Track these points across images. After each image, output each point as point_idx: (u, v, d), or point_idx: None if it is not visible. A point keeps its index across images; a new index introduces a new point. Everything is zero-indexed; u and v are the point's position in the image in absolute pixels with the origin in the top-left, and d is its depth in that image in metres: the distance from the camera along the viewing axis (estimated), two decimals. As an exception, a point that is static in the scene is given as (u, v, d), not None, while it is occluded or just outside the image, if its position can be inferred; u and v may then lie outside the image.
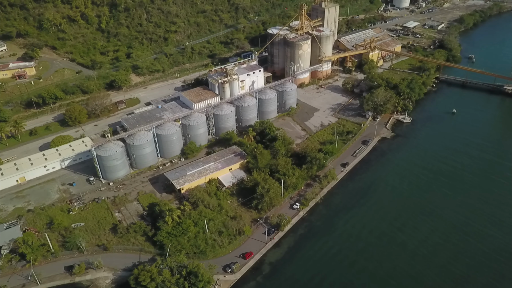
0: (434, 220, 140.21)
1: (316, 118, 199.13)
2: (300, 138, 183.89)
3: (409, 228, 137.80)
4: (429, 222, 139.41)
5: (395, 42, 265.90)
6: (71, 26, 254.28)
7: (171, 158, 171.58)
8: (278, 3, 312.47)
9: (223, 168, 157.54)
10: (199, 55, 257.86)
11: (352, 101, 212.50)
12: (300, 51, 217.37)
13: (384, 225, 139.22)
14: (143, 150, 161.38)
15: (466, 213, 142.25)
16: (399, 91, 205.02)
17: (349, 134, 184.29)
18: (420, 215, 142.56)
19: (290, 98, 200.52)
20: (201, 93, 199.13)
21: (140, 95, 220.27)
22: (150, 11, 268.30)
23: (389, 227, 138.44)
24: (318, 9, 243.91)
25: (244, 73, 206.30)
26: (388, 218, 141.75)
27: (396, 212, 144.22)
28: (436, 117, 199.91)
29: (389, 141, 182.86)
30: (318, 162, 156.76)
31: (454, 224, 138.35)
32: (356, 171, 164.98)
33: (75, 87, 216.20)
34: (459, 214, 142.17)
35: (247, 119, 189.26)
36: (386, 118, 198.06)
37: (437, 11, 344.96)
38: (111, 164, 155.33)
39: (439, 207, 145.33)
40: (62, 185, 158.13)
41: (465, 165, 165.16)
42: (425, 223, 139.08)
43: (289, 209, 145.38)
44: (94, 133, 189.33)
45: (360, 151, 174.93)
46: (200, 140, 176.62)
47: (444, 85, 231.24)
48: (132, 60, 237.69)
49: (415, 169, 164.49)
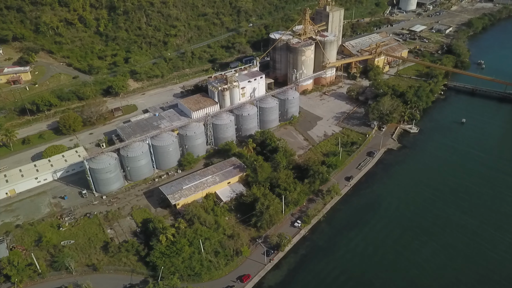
0: (440, 241, 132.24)
1: (319, 127, 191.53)
2: (303, 149, 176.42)
3: (415, 249, 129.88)
4: (435, 243, 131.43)
5: (402, 47, 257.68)
6: (68, 30, 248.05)
7: (167, 170, 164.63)
8: (281, 6, 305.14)
9: (221, 182, 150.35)
10: (200, 60, 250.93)
11: (356, 109, 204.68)
12: (303, 57, 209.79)
13: (389, 245, 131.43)
14: (138, 162, 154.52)
15: (473, 235, 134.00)
16: (406, 100, 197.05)
17: (354, 145, 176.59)
18: (426, 235, 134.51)
19: (292, 106, 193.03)
20: (200, 101, 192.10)
21: (138, 102, 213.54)
22: (150, 14, 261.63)
23: (394, 247, 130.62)
24: (322, 13, 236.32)
25: (245, 79, 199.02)
26: (393, 238, 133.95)
27: (401, 231, 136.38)
28: (444, 127, 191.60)
29: (395, 153, 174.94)
30: (321, 176, 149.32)
31: (461, 246, 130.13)
32: (360, 185, 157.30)
33: (71, 93, 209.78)
34: (466, 235, 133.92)
35: (248, 129, 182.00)
36: (392, 128, 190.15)
37: (444, 14, 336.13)
38: (104, 177, 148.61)
39: (446, 227, 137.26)
40: (53, 198, 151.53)
41: (474, 182, 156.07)
42: (431, 244, 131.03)
43: (290, 227, 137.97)
44: (89, 142, 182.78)
45: (365, 164, 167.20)
46: (198, 150, 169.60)
47: (453, 92, 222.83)
48: (130, 65, 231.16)
49: (422, 184, 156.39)
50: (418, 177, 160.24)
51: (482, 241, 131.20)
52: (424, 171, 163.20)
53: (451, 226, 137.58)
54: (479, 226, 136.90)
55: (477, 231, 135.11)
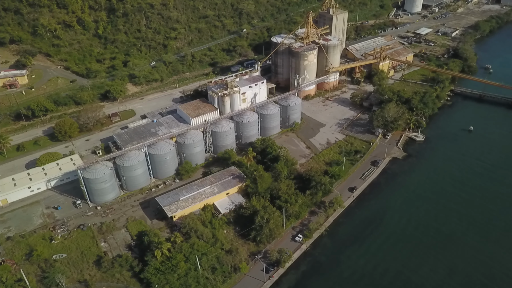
0: (451, 257, 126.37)
1: (322, 135, 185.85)
2: (305, 158, 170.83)
3: (418, 266, 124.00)
4: (446, 259, 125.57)
5: (407, 51, 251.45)
6: (66, 32, 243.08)
7: (164, 179, 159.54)
8: (283, 8, 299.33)
9: (219, 193, 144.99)
10: (200, 63, 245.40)
11: (360, 115, 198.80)
12: (305, 61, 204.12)
13: (393, 262, 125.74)
14: (134, 171, 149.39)
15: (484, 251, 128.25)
16: (411, 106, 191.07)
17: (358, 153, 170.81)
18: (436, 250, 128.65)
19: (294, 113, 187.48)
20: (200, 107, 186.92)
21: (136, 107, 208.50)
22: (150, 17, 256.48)
23: (398, 264, 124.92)
24: (326, 16, 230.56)
25: (246, 85, 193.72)
26: (397, 254, 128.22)
27: (406, 247, 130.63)
28: (451, 135, 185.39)
29: (400, 162, 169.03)
30: (323, 188, 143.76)
31: (473, 263, 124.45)
32: (364, 196, 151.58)
33: (68, 97, 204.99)
34: (478, 251, 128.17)
35: (248, 136, 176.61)
36: (397, 136, 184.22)
37: (450, 16, 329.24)
38: (98, 187, 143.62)
39: (456, 242, 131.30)
40: (47, 209, 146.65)
41: (482, 195, 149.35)
42: (441, 261, 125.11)
43: (291, 241, 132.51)
44: (85, 148, 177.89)
45: (369, 174, 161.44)
46: (196, 159, 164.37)
47: (460, 98, 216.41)
48: (129, 69, 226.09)
49: (427, 196, 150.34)
50: (424, 188, 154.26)
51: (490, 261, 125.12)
52: (430, 182, 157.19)
53: (458, 242, 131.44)
54: (486, 243, 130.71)
55: (484, 248, 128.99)
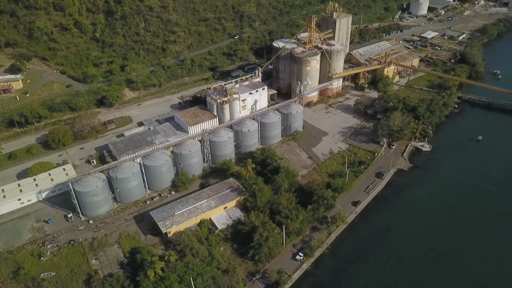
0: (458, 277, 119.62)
1: (325, 144, 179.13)
2: (306, 168, 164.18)
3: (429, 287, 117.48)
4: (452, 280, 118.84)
5: (412, 56, 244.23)
6: (63, 35, 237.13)
7: (160, 191, 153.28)
8: (286, 10, 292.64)
9: (217, 207, 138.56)
10: (200, 68, 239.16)
11: (364, 124, 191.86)
12: (308, 67, 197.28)
13: (400, 281, 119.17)
14: (128, 183, 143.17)
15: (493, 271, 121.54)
16: (417, 115, 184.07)
17: (361, 164, 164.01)
18: (442, 269, 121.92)
19: (296, 121, 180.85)
20: (198, 114, 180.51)
21: (133, 113, 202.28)
22: (148, 19, 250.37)
23: (406, 284, 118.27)
24: (329, 20, 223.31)
25: (246, 91, 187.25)
26: (403, 274, 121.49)
27: (413, 266, 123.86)
28: (459, 145, 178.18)
29: (406, 174, 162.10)
30: (325, 203, 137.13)
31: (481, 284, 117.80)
32: (369, 211, 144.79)
33: (63, 103, 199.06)
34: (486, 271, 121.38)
35: (248, 145, 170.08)
36: (402, 145, 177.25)
37: (457, 19, 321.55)
38: (91, 200, 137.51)
39: (463, 262, 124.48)
40: (37, 222, 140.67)
41: (492, 210, 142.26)
42: (448, 282, 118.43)
43: (291, 260, 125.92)
44: (79, 157, 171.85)
45: (374, 186, 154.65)
46: (193, 170, 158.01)
47: (467, 105, 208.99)
48: (126, 73, 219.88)
49: (435, 211, 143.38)
50: (430, 203, 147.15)
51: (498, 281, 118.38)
52: (436, 197, 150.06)
53: (465, 262, 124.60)
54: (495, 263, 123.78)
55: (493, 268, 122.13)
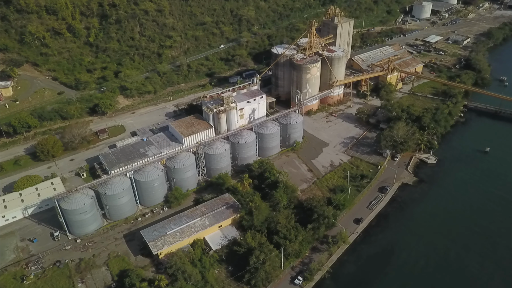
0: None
1: (325, 156, 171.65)
2: (306, 182, 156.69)
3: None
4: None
5: (416, 61, 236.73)
6: (56, 40, 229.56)
7: (152, 207, 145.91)
8: (285, 13, 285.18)
9: (211, 226, 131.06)
10: (196, 74, 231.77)
11: (367, 134, 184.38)
12: (308, 75, 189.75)
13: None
14: (118, 200, 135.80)
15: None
16: (422, 125, 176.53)
17: (364, 178, 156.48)
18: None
19: (295, 131, 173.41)
20: (193, 124, 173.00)
21: (126, 122, 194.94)
22: (144, 24, 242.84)
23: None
24: (330, 25, 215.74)
25: (244, 100, 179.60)
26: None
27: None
28: (466, 157, 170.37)
29: (411, 189, 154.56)
30: (326, 221, 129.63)
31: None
32: (372, 229, 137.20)
33: (54, 112, 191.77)
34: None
35: (245, 157, 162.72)
36: (406, 157, 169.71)
37: (461, 22, 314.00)
38: (78, 218, 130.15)
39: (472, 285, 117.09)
40: (21, 241, 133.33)
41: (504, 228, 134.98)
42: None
43: (290, 284, 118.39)
44: (69, 170, 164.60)
45: (377, 202, 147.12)
46: (187, 184, 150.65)
47: (474, 114, 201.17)
48: (120, 80, 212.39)
49: (442, 229, 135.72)
50: (437, 221, 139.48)
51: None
52: (443, 214, 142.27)
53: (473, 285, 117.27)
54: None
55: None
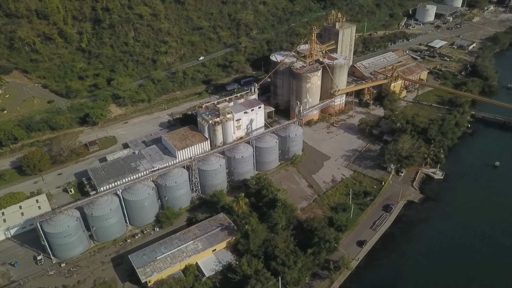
0: None
1: (326, 170, 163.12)
2: (306, 200, 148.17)
3: None
4: None
5: (420, 68, 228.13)
6: (46, 46, 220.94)
7: (143, 227, 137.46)
8: (285, 17, 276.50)
9: (204, 250, 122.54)
10: (192, 81, 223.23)
11: (370, 146, 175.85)
12: (308, 84, 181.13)
13: None
14: (105, 221, 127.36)
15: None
16: (428, 137, 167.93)
17: (367, 195, 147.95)
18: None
19: (295, 144, 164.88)
20: (188, 136, 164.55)
21: (118, 133, 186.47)
22: (138, 28, 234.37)
23: None
24: (331, 31, 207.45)
25: (241, 110, 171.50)
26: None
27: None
28: (474, 172, 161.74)
29: (417, 207, 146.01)
30: (327, 246, 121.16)
31: None
32: (376, 252, 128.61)
33: (42, 122, 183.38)
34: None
35: (241, 173, 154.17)
36: (412, 172, 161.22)
37: (466, 26, 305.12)
38: (62, 241, 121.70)
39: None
40: (2, 265, 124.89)
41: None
42: None
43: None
44: (56, 185, 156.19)
45: (381, 222, 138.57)
46: (180, 202, 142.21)
47: (481, 125, 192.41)
48: (112, 88, 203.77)
49: (451, 253, 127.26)
50: (445, 243, 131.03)
51: None
52: (451, 235, 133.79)
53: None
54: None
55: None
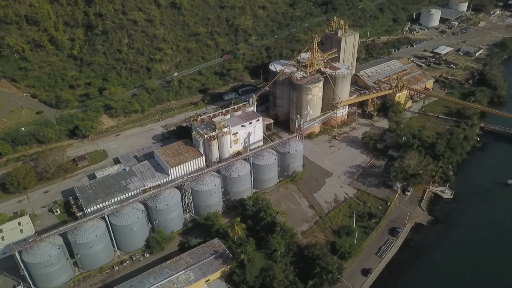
0: None
1: (329, 188, 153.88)
2: (307, 222, 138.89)
3: None
4: None
5: (426, 77, 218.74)
6: (36, 53, 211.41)
7: (131, 253, 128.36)
8: (285, 23, 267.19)
9: (197, 281, 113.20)
10: (188, 90, 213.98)
11: (374, 161, 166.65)
12: (309, 96, 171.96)
13: None
14: (90, 248, 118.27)
15: None
16: (436, 153, 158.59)
17: (372, 217, 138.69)
18: None
19: (295, 161, 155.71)
20: (181, 151, 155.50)
21: (109, 146, 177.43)
22: (132, 35, 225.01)
23: None
24: (333, 38, 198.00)
25: (238, 123, 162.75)
26: None
27: None
28: (485, 191, 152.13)
29: (425, 230, 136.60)
30: (330, 277, 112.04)
31: None
32: (382, 282, 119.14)
33: (29, 135, 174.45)
34: None
35: (238, 192, 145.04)
36: (419, 191, 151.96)
37: (471, 31, 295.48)
38: (43, 272, 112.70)
39: None
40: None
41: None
42: None
43: None
44: (42, 204, 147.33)
45: (387, 248, 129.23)
46: (172, 225, 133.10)
47: (491, 138, 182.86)
48: (104, 98, 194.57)
49: (465, 281, 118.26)
50: (457, 271, 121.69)
51: None
52: (464, 261, 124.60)
53: None
54: None
55: None
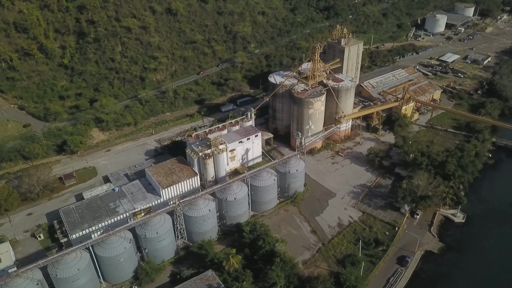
0: None
1: (332, 211, 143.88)
2: (309, 250, 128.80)
3: None
4: None
5: (433, 87, 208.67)
6: (25, 62, 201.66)
7: (118, 285, 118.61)
8: (285, 29, 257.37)
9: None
10: (184, 101, 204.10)
11: (380, 180, 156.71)
12: (311, 110, 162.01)
13: None
14: (72, 283, 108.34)
15: None
16: (446, 172, 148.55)
17: (379, 245, 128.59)
18: None
19: (296, 181, 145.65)
20: (175, 170, 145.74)
21: (99, 163, 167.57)
22: (126, 42, 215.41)
23: None
24: (336, 47, 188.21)
25: (236, 139, 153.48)
26: None
27: None
28: (499, 214, 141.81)
29: (436, 259, 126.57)
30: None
31: None
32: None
33: (14, 151, 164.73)
34: None
35: (234, 216, 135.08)
36: (429, 214, 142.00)
37: (479, 38, 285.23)
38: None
39: None
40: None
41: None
42: None
43: None
44: (25, 228, 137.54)
45: (396, 279, 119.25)
46: (162, 254, 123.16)
47: (504, 154, 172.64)
48: (95, 111, 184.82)
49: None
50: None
51: None
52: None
53: None
54: None
55: None
